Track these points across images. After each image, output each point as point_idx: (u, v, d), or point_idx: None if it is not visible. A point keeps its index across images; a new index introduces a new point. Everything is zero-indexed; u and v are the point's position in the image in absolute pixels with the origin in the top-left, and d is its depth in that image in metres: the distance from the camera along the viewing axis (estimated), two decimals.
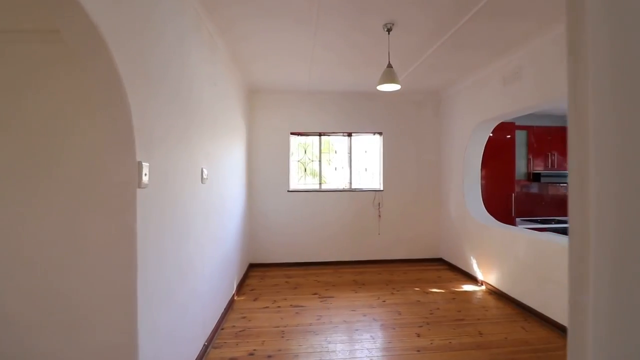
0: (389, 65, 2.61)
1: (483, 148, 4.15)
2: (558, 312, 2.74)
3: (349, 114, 4.79)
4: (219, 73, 2.93)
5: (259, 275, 4.25)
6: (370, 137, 4.92)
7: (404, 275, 4.24)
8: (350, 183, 4.87)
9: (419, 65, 3.58)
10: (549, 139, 4.66)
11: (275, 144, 4.70)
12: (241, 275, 3.95)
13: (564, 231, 4.29)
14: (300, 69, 3.73)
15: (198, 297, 2.31)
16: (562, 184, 4.93)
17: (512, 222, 4.35)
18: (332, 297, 3.50)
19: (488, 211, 4.17)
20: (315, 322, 2.90)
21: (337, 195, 4.78)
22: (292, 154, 4.85)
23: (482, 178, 4.27)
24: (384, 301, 3.37)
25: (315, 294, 3.59)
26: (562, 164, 4.69)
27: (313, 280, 4.07)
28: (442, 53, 3.22)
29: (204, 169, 2.44)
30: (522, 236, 3.24)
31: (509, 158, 4.39)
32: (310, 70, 3.78)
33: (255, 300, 3.42)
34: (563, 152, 4.69)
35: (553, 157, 4.66)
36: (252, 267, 4.61)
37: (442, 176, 4.84)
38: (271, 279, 4.13)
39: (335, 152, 4.90)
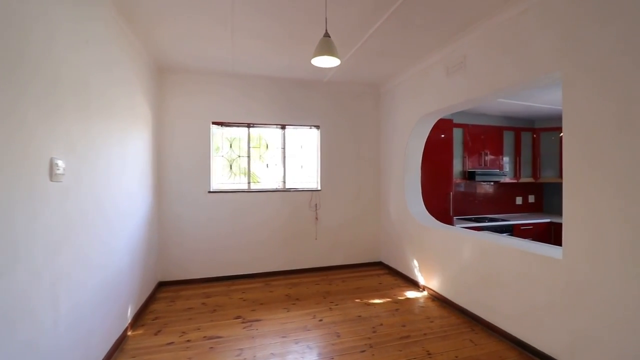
0: (327, 34, 2.10)
1: (424, 144, 3.93)
2: (504, 320, 2.53)
3: (283, 104, 4.22)
4: (93, 28, 2.11)
5: (170, 297, 3.43)
6: (306, 130, 4.41)
7: (343, 284, 3.81)
8: (284, 182, 4.30)
9: (360, 49, 3.16)
10: (483, 138, 4.68)
11: (194, 136, 3.90)
12: (143, 300, 3.10)
13: (497, 229, 4.32)
14: (220, 43, 3.04)
15: (43, 352, 1.52)
16: (492, 182, 5.02)
17: (450, 222, 4.23)
18: (259, 319, 2.88)
19: (427, 211, 3.97)
20: None
21: (269, 196, 4.17)
22: (219, 148, 4.11)
23: (421, 177, 4.06)
24: (321, 320, 2.87)
25: (238, 317, 2.94)
26: (495, 163, 4.75)
27: (238, 298, 3.40)
28: (386, 33, 2.84)
29: (56, 161, 1.63)
30: (464, 237, 3.02)
31: (447, 156, 4.26)
32: (232, 47, 3.11)
33: (157, 333, 2.64)
34: (495, 152, 4.76)
35: (486, 156, 4.69)
36: (163, 286, 3.75)
37: (382, 174, 4.55)
38: (185, 300, 3.34)
39: (267, 147, 4.29)
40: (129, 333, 2.62)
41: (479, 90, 2.77)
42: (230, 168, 4.16)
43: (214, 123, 3.99)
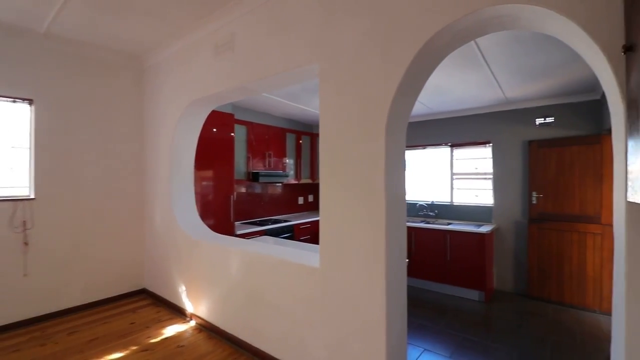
0: None
1: (197, 138, 3.24)
2: (269, 343, 2.21)
3: None
4: None
5: None
6: (4, 104, 2.78)
7: (69, 338, 2.56)
8: None
9: None
10: (267, 138, 4.53)
11: None
12: None
13: (279, 230, 4.23)
14: None
15: None
16: (277, 183, 5.00)
17: (231, 227, 3.77)
18: None
19: (206, 217, 3.34)
20: None
21: None
22: None
23: (199, 180, 3.39)
24: None
25: None
26: (278, 164, 4.71)
27: None
28: None
29: None
30: (231, 250, 2.53)
31: (228, 156, 3.78)
32: None
33: None
34: (278, 153, 4.72)
35: (270, 158, 4.57)
36: None
37: (148, 175, 3.53)
38: None
39: None
40: None
41: (246, 76, 2.37)
42: None
43: None
